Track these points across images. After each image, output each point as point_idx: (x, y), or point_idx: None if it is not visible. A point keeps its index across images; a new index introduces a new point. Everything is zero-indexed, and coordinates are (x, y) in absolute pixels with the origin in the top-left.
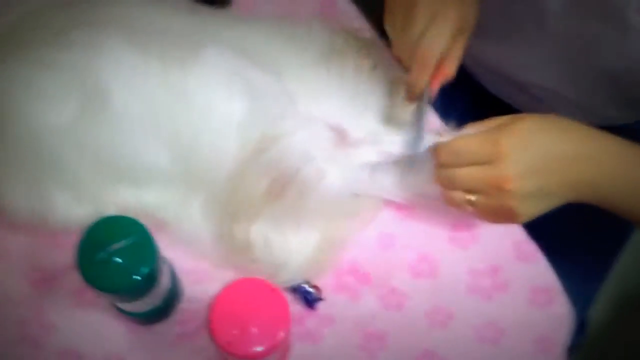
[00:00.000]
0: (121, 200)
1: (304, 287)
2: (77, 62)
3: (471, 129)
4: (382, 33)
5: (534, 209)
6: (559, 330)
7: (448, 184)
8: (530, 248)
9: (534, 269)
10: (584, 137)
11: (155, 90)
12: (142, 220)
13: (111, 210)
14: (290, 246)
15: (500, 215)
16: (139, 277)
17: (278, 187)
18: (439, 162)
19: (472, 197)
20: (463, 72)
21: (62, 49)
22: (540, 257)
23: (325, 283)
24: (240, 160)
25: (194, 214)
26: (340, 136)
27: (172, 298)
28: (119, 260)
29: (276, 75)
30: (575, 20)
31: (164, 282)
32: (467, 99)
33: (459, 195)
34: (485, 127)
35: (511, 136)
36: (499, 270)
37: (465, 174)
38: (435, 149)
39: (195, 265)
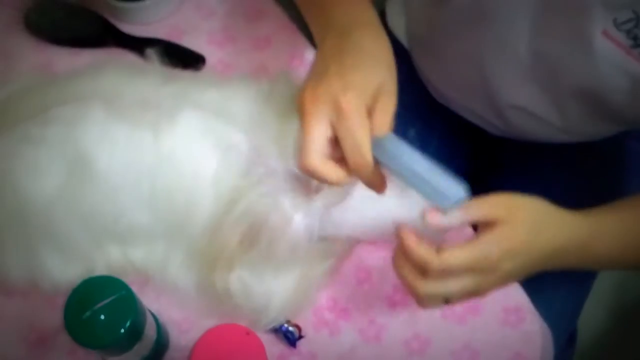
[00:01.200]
0: (109, 258)
1: (285, 327)
2: (60, 135)
3: (465, 213)
4: None
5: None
6: (532, 347)
7: (428, 298)
8: None
9: (504, 290)
10: (573, 228)
11: (133, 154)
12: (130, 275)
13: (100, 269)
14: (269, 290)
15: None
16: (123, 330)
17: (250, 235)
18: (424, 275)
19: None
20: (438, 103)
21: (46, 124)
22: None
23: (306, 320)
24: (215, 212)
25: (176, 267)
26: (305, 184)
27: (160, 348)
28: (103, 317)
29: (245, 131)
30: (543, 43)
31: (150, 333)
32: (444, 127)
33: (437, 301)
34: (479, 212)
35: (502, 245)
36: None
37: (454, 288)
38: (425, 264)
39: (180, 316)
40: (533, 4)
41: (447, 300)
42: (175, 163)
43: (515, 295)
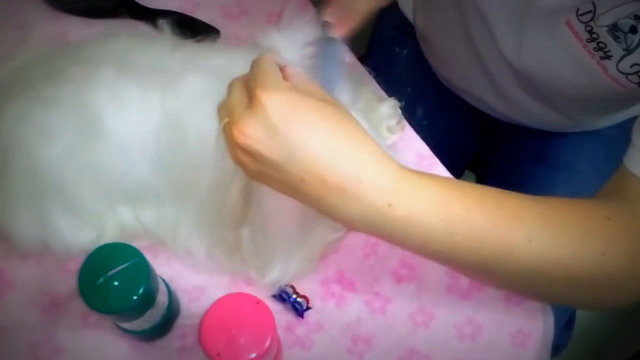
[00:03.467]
0: (120, 219)
1: (294, 298)
2: (72, 95)
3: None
4: (361, 58)
5: (263, 178)
6: (534, 324)
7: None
8: None
9: None
10: (355, 137)
11: (142, 115)
12: (142, 239)
13: (112, 231)
14: (275, 250)
15: (234, 158)
16: (136, 297)
17: (248, 186)
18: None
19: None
20: (444, 88)
21: (58, 84)
22: None
23: (314, 291)
24: (220, 170)
25: (187, 230)
26: None
27: (171, 315)
28: (117, 284)
29: None
30: (529, 55)
31: (162, 300)
32: (450, 107)
33: (223, 114)
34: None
35: (283, 94)
36: None
37: (232, 94)
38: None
39: (191, 283)
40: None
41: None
42: (181, 125)
43: None
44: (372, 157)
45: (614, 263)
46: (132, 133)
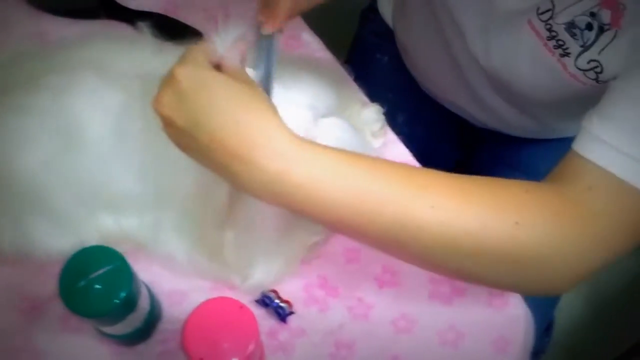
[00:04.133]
0: (101, 227)
1: (276, 303)
2: (50, 103)
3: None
4: (345, 62)
5: (178, 140)
6: (515, 330)
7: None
8: None
9: None
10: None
11: (122, 122)
12: (123, 244)
13: (93, 238)
14: (257, 253)
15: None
16: (117, 301)
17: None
18: None
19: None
20: (424, 94)
21: (35, 92)
22: None
23: (296, 297)
24: (204, 172)
25: (167, 234)
26: None
27: (152, 319)
28: (98, 287)
29: None
30: (496, 57)
31: (143, 304)
32: (431, 114)
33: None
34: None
35: (193, 70)
36: None
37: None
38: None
39: (173, 287)
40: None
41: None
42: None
43: None
44: (270, 125)
45: (527, 233)
46: (114, 142)
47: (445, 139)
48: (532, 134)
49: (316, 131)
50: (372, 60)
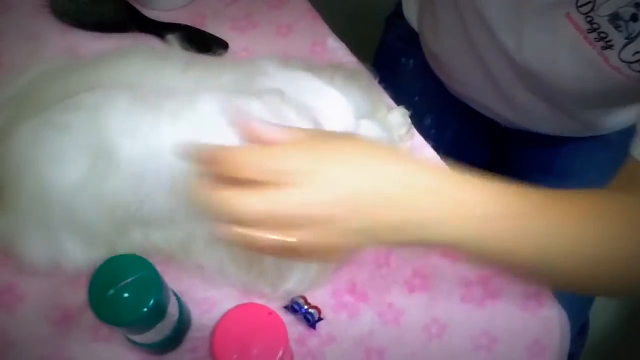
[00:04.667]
0: (133, 242)
1: (305, 309)
2: (84, 123)
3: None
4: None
5: (330, 241)
6: (550, 333)
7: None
8: None
9: None
10: (416, 171)
11: (155, 141)
12: (152, 256)
13: (122, 252)
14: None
15: (291, 255)
16: (146, 309)
17: None
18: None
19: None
20: (452, 94)
21: (70, 110)
22: None
23: (326, 303)
24: None
25: (200, 247)
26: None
27: (182, 327)
28: (127, 296)
29: (262, 100)
30: (521, 29)
31: (172, 312)
32: (459, 116)
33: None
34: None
35: (307, 157)
36: (489, 279)
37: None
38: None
39: (203, 296)
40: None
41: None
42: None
43: None
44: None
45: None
46: (147, 162)
47: (473, 141)
48: (564, 132)
49: (357, 132)
50: (398, 64)
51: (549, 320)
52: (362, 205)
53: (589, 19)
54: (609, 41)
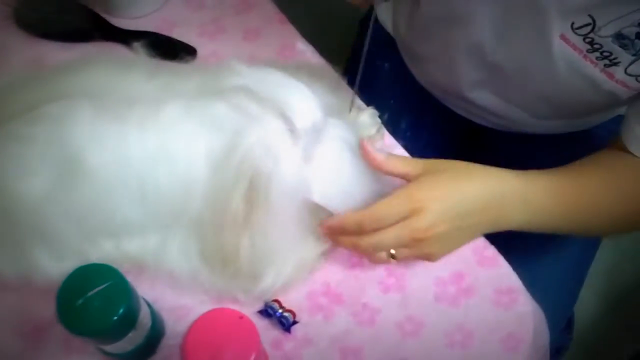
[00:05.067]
0: (103, 251)
1: (280, 313)
2: (48, 134)
3: (392, 162)
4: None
5: (449, 247)
6: (524, 328)
7: (373, 250)
8: (491, 253)
9: (496, 272)
10: (500, 176)
11: (122, 150)
12: (124, 266)
13: (94, 261)
14: (275, 251)
15: (419, 258)
16: (116, 317)
17: (251, 188)
18: (364, 231)
19: (393, 252)
20: (429, 96)
21: (34, 122)
22: (501, 260)
23: (300, 306)
24: (214, 182)
25: (173, 254)
26: (289, 126)
27: (155, 336)
28: (96, 305)
29: (229, 102)
30: (507, 49)
31: (144, 321)
32: (434, 117)
33: (383, 254)
34: (404, 167)
35: (423, 189)
36: (462, 276)
37: (387, 237)
38: (357, 220)
39: (176, 303)
40: (496, 7)
41: (392, 255)
42: (164, 155)
43: (507, 277)
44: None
45: None
46: (114, 172)
47: (449, 141)
48: (540, 130)
49: (325, 129)
50: (372, 67)
51: (523, 315)
52: (466, 216)
53: (587, 40)
54: (614, 59)
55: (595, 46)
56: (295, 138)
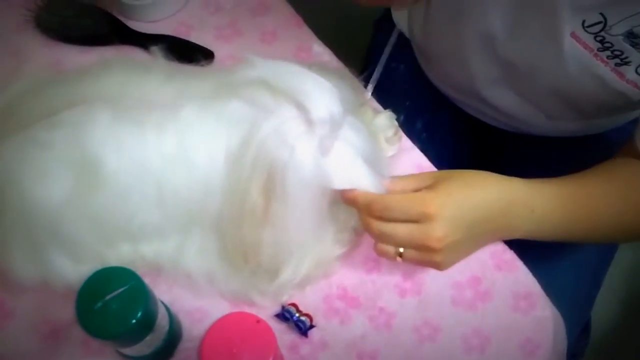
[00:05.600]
0: (120, 255)
1: (297, 317)
2: (67, 139)
3: (402, 181)
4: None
5: (457, 257)
6: (543, 333)
7: (379, 237)
8: (509, 256)
9: (514, 276)
10: (509, 184)
11: (140, 155)
12: (141, 268)
13: (112, 265)
14: (291, 249)
15: (426, 265)
16: (134, 321)
17: (269, 180)
18: (372, 214)
19: (401, 250)
20: (443, 97)
21: (53, 127)
22: (519, 264)
23: (317, 310)
24: (233, 180)
25: (190, 257)
26: (306, 115)
27: (173, 339)
28: (115, 308)
29: (246, 100)
30: (517, 44)
31: (162, 324)
32: (450, 118)
33: (390, 248)
34: (415, 182)
35: (438, 196)
36: (480, 280)
37: (398, 231)
38: (368, 199)
39: (193, 306)
40: (507, 4)
41: (400, 254)
42: (183, 157)
43: (526, 281)
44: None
45: None
46: (133, 176)
47: (465, 142)
48: (555, 133)
49: (344, 124)
50: (388, 69)
51: (542, 320)
52: (477, 225)
53: (598, 38)
54: (625, 58)
55: (606, 45)
56: (312, 127)
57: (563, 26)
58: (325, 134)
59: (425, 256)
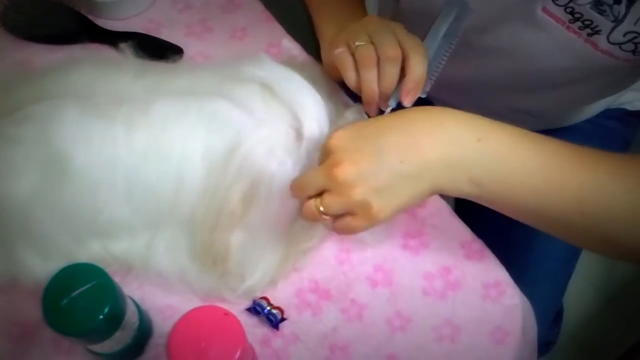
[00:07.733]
0: (90, 252)
1: (267, 310)
2: (35, 134)
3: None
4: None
5: (376, 192)
6: (512, 320)
7: (296, 192)
8: (478, 246)
9: (483, 265)
10: (445, 114)
11: (108, 149)
12: (111, 267)
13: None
14: (263, 250)
15: (357, 213)
16: (102, 316)
17: (251, 187)
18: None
19: (320, 200)
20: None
21: (20, 122)
22: (488, 253)
23: (289, 303)
24: (210, 180)
25: (160, 254)
26: (297, 130)
27: (143, 335)
28: (81, 304)
29: (224, 97)
30: (494, 31)
31: (132, 320)
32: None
33: (312, 205)
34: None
35: (336, 130)
36: (450, 270)
37: (308, 177)
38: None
39: (164, 303)
40: None
41: (321, 208)
42: (154, 152)
43: (495, 270)
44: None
45: None
46: (101, 171)
47: None
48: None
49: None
50: None
51: (511, 308)
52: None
53: (568, 10)
54: (595, 27)
55: (576, 15)
56: (301, 142)
57: (534, 2)
58: (312, 149)
59: (343, 198)
